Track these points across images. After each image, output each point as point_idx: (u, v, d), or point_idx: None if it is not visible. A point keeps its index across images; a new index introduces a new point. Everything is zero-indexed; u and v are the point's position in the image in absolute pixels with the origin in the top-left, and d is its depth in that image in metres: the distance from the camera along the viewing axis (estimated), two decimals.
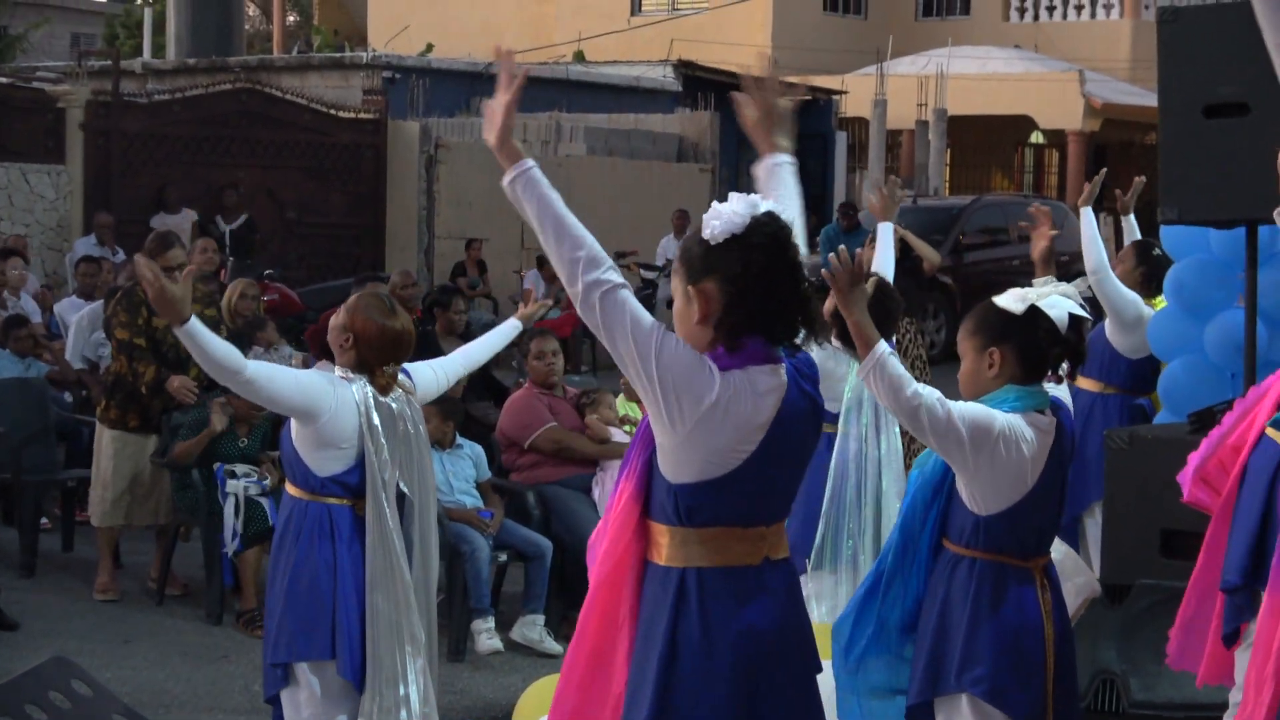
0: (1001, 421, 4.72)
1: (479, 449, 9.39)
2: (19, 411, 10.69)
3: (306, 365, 10.73)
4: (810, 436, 4.12)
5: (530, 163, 3.95)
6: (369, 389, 5.88)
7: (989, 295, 5.06)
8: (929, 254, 13.07)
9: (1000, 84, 36.03)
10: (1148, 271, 9.00)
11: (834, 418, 7.27)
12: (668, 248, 21.87)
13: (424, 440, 6.07)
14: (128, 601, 9.62)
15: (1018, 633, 4.78)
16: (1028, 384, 4.87)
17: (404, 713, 5.77)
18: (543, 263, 21.00)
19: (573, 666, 4.12)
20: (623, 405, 9.71)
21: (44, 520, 10.77)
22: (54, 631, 8.91)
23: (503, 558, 9.07)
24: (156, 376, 9.34)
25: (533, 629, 8.82)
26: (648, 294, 20.93)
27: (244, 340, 11.16)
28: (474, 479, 9.20)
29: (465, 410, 9.97)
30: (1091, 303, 5.14)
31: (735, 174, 29.07)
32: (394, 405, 5.95)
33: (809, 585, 7.30)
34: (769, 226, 3.99)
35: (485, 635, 8.69)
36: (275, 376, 5.76)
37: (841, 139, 32.15)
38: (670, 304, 4.14)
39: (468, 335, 12.35)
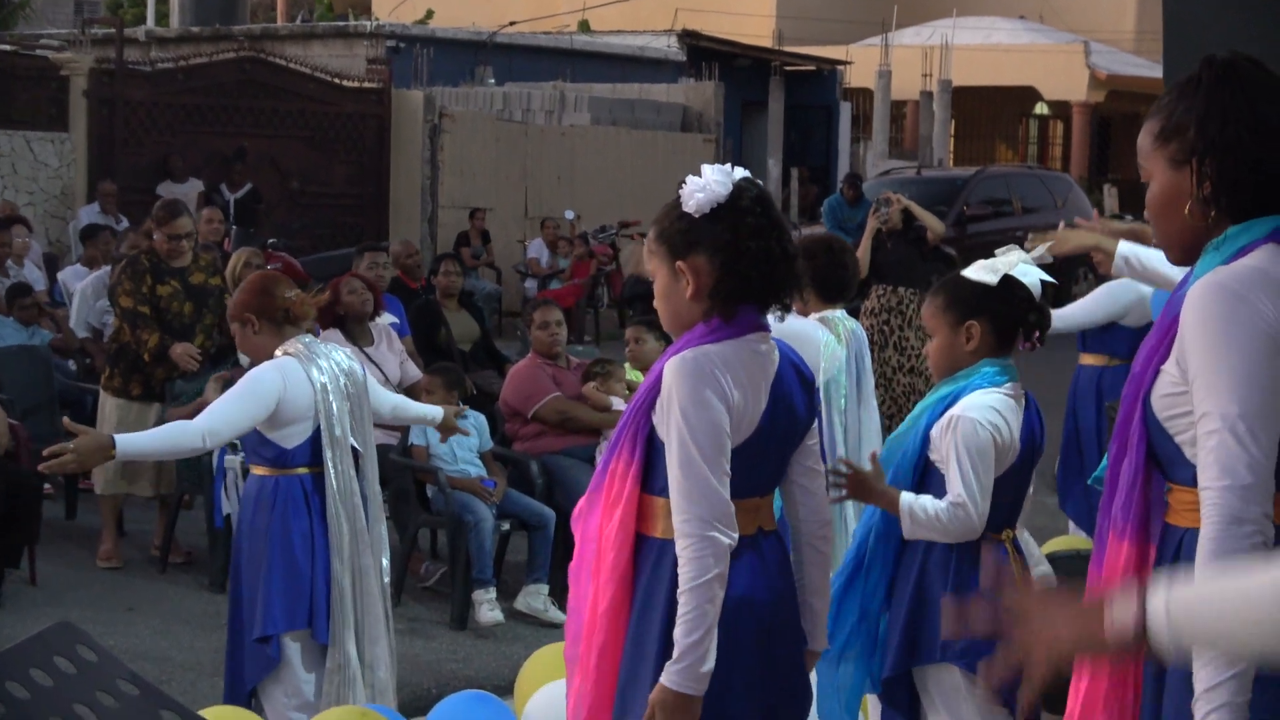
0: (990, 429, 4.74)
1: (482, 419, 9.40)
2: (23, 379, 10.70)
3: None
4: (803, 407, 4.08)
5: None
6: (318, 357, 6.09)
7: None
8: (933, 224, 13.05)
9: (1005, 55, 35.99)
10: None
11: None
12: None
13: (365, 398, 6.25)
14: (131, 569, 9.64)
15: (996, 604, 4.79)
16: (1001, 355, 4.89)
17: (354, 669, 6.01)
18: (546, 229, 21.02)
19: (587, 656, 4.00)
20: (630, 373, 9.72)
21: (47, 487, 10.78)
22: (57, 599, 8.93)
23: (505, 527, 9.09)
24: (160, 344, 9.35)
25: (536, 598, 8.83)
26: None
27: None
28: (477, 449, 9.21)
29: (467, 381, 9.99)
30: (1050, 269, 5.14)
31: (739, 144, 29.07)
32: (341, 365, 6.14)
33: None
34: (753, 189, 3.94)
35: (487, 606, 8.71)
36: (230, 419, 5.85)
37: (846, 110, 32.12)
38: None
39: (467, 302, 12.38)
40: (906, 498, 4.67)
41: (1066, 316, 8.82)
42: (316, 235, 20.60)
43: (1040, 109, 40.87)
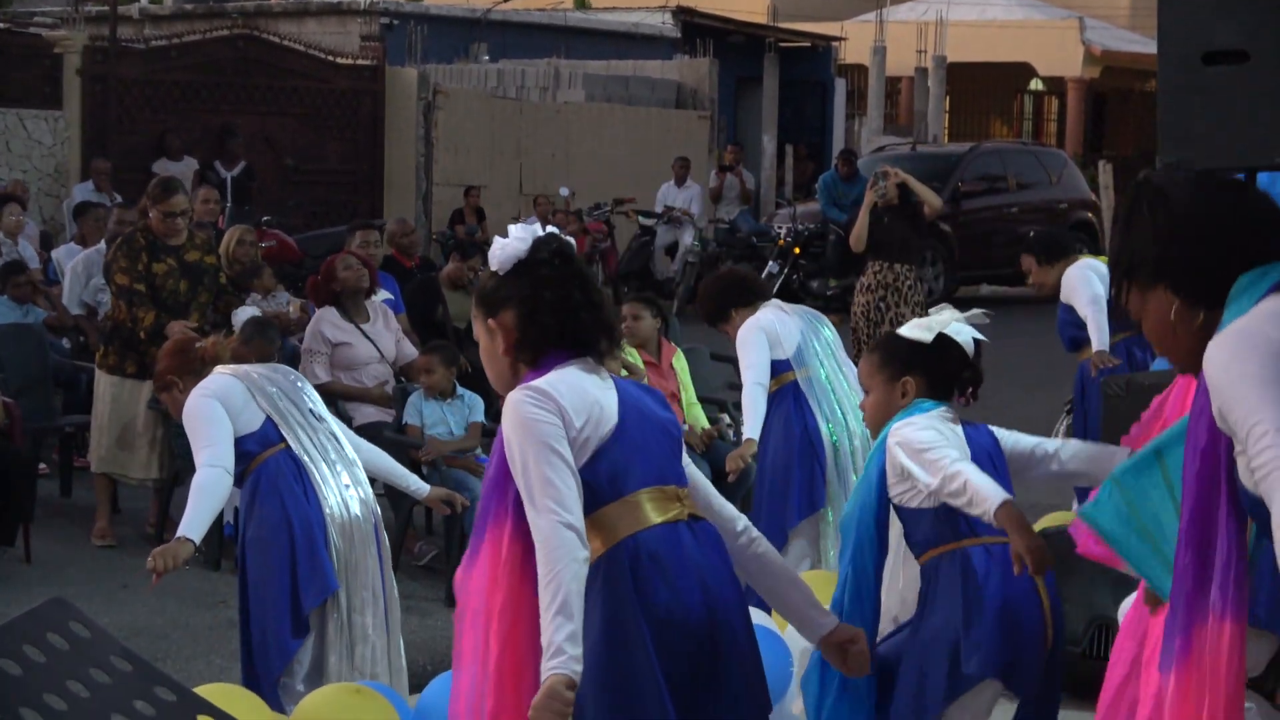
0: (926, 424, 4.83)
1: (477, 399, 9.38)
2: (18, 357, 10.70)
3: (304, 311, 10.70)
4: (654, 402, 4.15)
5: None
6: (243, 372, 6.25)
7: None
8: (931, 198, 13.03)
9: (1000, 31, 35.92)
10: (1058, 252, 9.22)
11: (786, 365, 7.59)
12: (666, 194, 21.84)
13: (298, 392, 6.36)
14: (125, 547, 9.64)
15: (1014, 605, 4.80)
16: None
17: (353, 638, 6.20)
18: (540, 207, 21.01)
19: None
20: (626, 350, 9.68)
21: (42, 466, 10.78)
22: (51, 576, 8.94)
23: None
24: (155, 322, 9.34)
25: None
26: (645, 240, 20.88)
27: (240, 287, 11.13)
28: None
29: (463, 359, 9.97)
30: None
31: (733, 120, 29.01)
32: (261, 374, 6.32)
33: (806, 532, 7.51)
34: (551, 243, 4.07)
35: None
36: (220, 440, 5.97)
37: (840, 86, 32.06)
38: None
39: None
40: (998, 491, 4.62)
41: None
42: (311, 213, 20.56)
43: (1035, 85, 40.79)
